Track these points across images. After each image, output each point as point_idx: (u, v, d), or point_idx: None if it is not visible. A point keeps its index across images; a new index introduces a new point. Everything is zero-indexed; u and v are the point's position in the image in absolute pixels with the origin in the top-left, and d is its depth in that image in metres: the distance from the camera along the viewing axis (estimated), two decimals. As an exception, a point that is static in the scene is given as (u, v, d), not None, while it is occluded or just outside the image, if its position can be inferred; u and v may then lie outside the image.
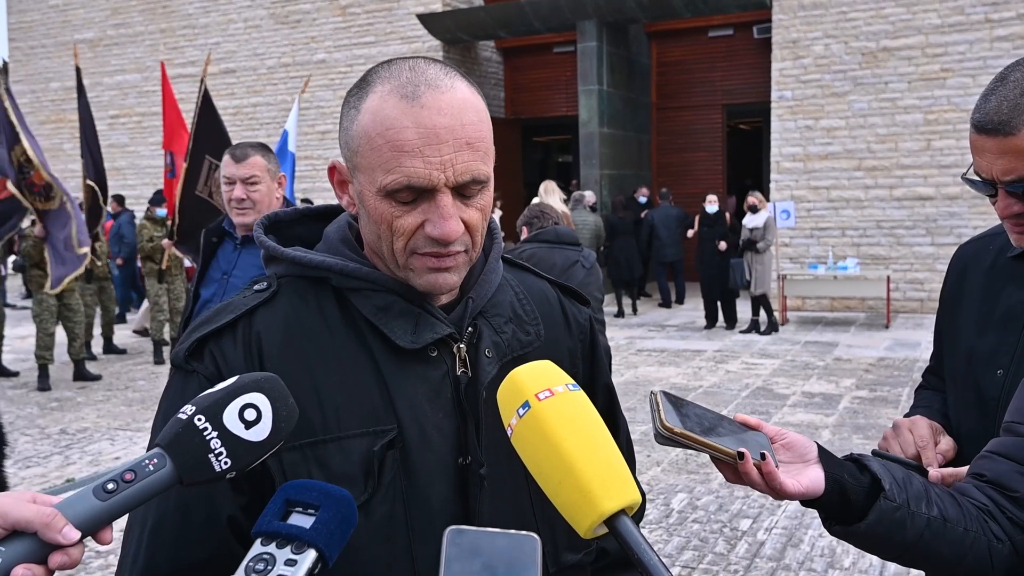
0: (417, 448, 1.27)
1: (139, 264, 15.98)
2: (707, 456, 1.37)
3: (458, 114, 1.21)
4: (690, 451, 7.15)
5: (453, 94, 1.23)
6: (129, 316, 17.10)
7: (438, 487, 1.28)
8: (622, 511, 1.01)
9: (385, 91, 1.23)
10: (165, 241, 12.06)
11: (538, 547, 0.97)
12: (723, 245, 13.43)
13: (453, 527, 0.99)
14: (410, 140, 1.19)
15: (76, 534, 0.92)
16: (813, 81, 15.39)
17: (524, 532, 0.99)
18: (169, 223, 12.05)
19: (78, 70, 12.47)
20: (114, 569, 5.20)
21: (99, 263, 12.45)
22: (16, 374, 11.57)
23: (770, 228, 13.09)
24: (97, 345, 13.18)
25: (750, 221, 13.35)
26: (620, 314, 15.41)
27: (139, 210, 17.84)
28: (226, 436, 1.00)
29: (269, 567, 0.96)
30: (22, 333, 15.31)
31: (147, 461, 0.98)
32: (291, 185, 12.04)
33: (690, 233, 13.54)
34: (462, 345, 1.33)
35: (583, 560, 1.44)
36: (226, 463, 0.99)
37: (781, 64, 15.61)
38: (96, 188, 11.76)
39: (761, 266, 13.10)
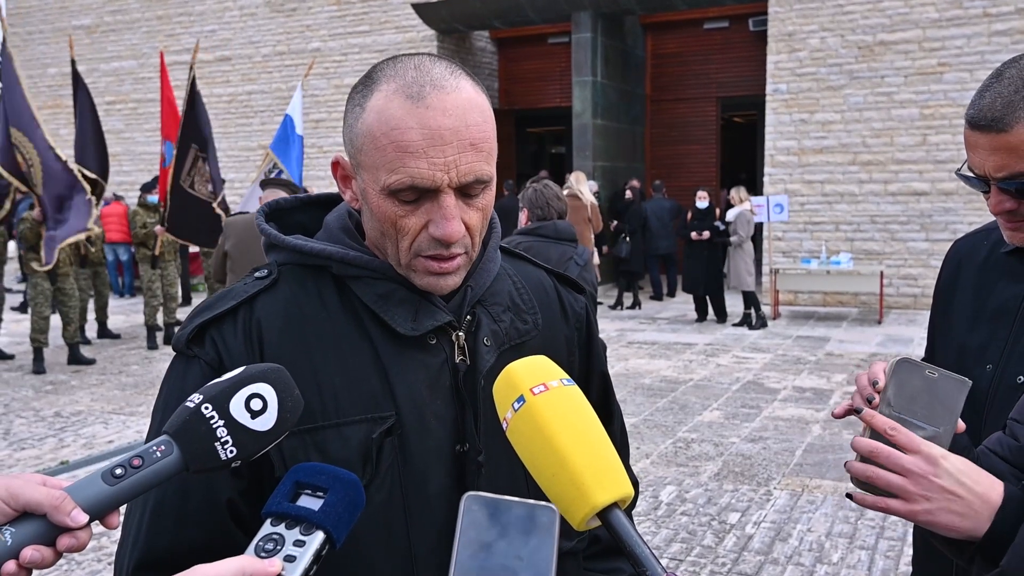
0: (415, 435, 1.29)
1: (132, 250, 16.05)
2: (697, 450, 1.41)
3: (462, 115, 1.22)
4: (679, 444, 7.10)
5: (458, 95, 1.23)
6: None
7: (435, 474, 1.30)
8: (615, 504, 1.03)
9: (390, 90, 1.23)
10: (158, 228, 12.10)
11: (556, 518, 0.99)
12: (694, 235, 13.42)
13: (471, 493, 1.00)
14: (414, 141, 1.20)
15: (84, 517, 0.93)
16: (808, 74, 15.38)
17: (542, 502, 1.00)
18: (162, 210, 12.12)
19: (73, 62, 12.48)
20: (105, 551, 5.23)
21: (93, 248, 12.46)
22: (11, 357, 11.59)
23: (742, 223, 13.10)
24: (91, 330, 13.18)
25: (729, 216, 13.40)
26: (633, 305, 15.38)
27: (133, 197, 17.84)
28: (232, 425, 1.01)
29: (278, 547, 0.98)
30: (17, 316, 15.31)
31: (155, 448, 0.99)
32: (300, 169, 12.06)
33: (694, 235, 13.39)
34: (461, 333, 1.35)
35: (576, 547, 1.47)
36: (232, 452, 1.01)
37: (776, 57, 15.60)
38: (93, 176, 11.79)
39: (735, 261, 13.12)
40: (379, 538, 1.26)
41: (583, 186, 11.90)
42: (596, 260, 11.68)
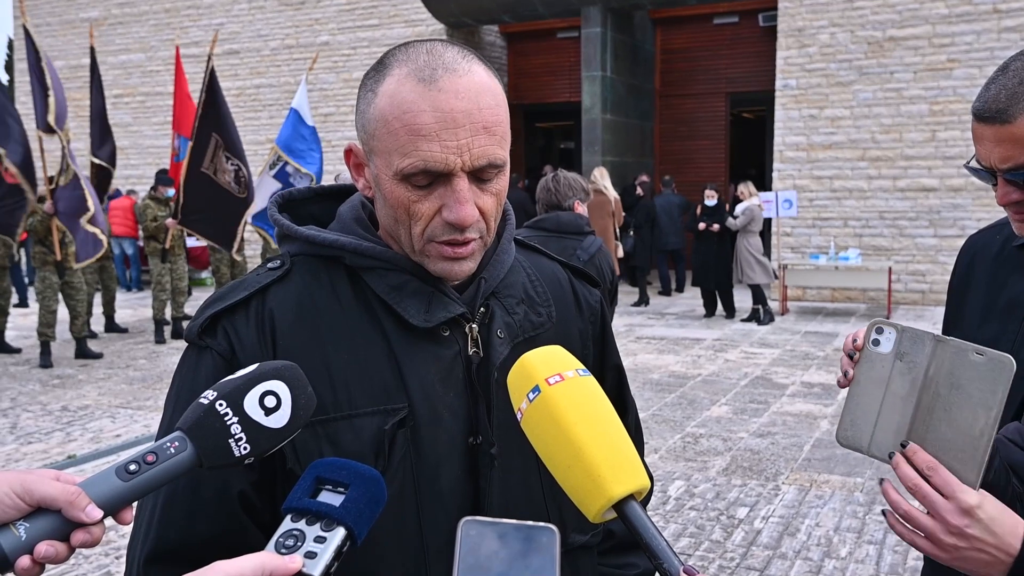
0: (428, 427, 1.28)
1: (141, 244, 16.08)
2: (705, 444, 1.39)
3: (475, 98, 1.21)
4: (688, 439, 7.09)
5: (471, 78, 1.23)
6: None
7: (448, 467, 1.29)
8: (631, 496, 1.02)
9: (402, 74, 1.23)
10: (169, 220, 12.11)
11: (556, 539, 0.97)
12: (702, 225, 13.45)
13: (468, 518, 0.99)
14: (427, 124, 1.19)
15: (99, 513, 0.93)
16: (818, 70, 15.34)
17: (542, 524, 0.98)
18: (173, 204, 12.13)
19: (92, 50, 12.51)
20: (113, 545, 5.23)
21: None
22: (18, 351, 11.62)
23: (747, 215, 13.11)
24: (98, 323, 13.20)
25: (737, 211, 13.42)
26: (640, 302, 15.34)
27: (141, 190, 17.87)
28: (246, 422, 1.01)
29: (299, 543, 0.97)
30: (24, 310, 15.35)
31: (168, 444, 0.99)
32: (320, 161, 12.07)
33: (702, 226, 13.46)
34: (474, 325, 1.34)
35: (591, 541, 1.46)
36: (245, 448, 1.01)
37: (786, 52, 15.55)
38: (105, 164, 11.83)
39: (741, 254, 13.11)
40: (391, 531, 1.25)
41: (607, 181, 11.99)
42: (620, 254, 11.76)
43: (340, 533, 0.99)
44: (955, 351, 1.26)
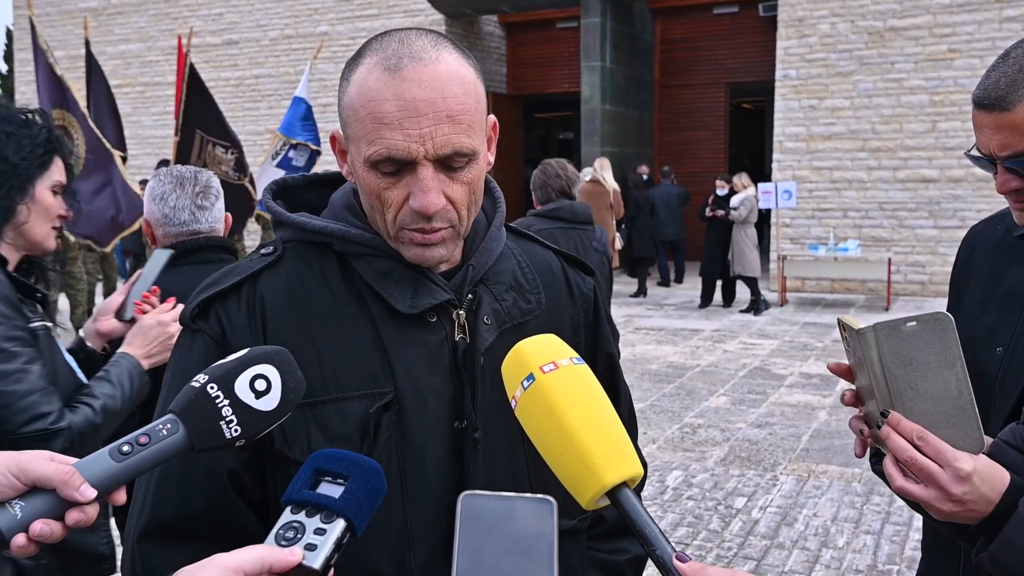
0: (413, 411, 1.30)
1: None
2: (703, 435, 1.40)
3: (440, 87, 1.22)
4: (686, 429, 7.08)
5: (436, 67, 1.23)
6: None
7: (433, 450, 1.32)
8: (624, 483, 1.03)
9: (371, 63, 1.25)
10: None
11: (554, 511, 0.98)
12: (708, 211, 13.55)
13: (467, 492, 1.00)
14: (389, 112, 1.21)
15: (93, 492, 0.95)
16: (818, 60, 15.32)
17: (540, 496, 1.00)
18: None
19: (87, 43, 12.45)
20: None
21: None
22: (18, 341, 11.60)
23: (746, 205, 13.15)
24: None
25: (734, 201, 13.44)
26: (638, 292, 15.33)
27: (139, 178, 17.83)
28: (237, 405, 1.02)
29: (299, 535, 0.98)
30: (23, 301, 15.34)
31: (161, 426, 1.01)
32: (316, 136, 12.09)
33: (708, 212, 13.57)
34: (461, 311, 1.35)
35: (578, 526, 1.47)
36: (236, 431, 1.02)
37: (786, 43, 15.53)
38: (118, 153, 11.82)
39: (738, 245, 13.13)
40: (376, 513, 1.26)
41: (607, 172, 11.95)
42: (619, 245, 11.75)
43: (340, 525, 1.00)
44: (890, 331, 1.27)
